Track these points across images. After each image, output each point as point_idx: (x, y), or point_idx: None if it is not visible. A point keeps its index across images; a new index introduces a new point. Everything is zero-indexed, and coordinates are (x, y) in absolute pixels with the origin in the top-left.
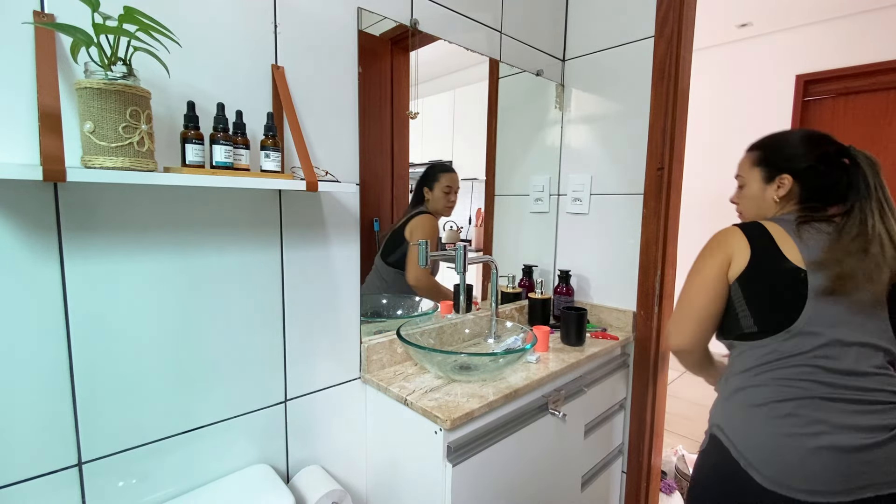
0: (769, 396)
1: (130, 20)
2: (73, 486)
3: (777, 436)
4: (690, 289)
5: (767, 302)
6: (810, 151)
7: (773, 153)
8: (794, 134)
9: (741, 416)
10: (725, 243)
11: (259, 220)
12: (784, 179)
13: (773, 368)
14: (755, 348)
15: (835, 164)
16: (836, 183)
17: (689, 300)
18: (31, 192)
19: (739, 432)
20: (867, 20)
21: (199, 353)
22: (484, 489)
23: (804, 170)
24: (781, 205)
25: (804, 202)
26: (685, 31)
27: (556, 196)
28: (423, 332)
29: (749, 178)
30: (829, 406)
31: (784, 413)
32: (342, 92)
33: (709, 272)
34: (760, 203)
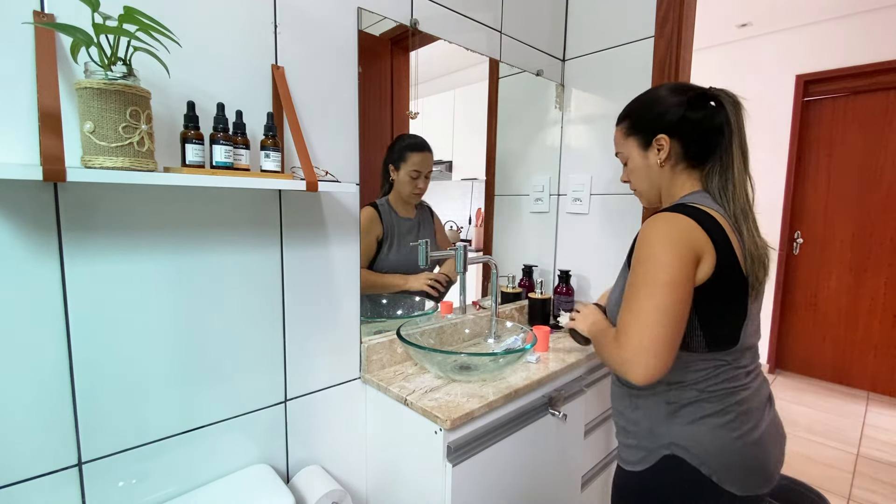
0: (716, 407)
1: (130, 20)
2: (73, 486)
3: (733, 440)
4: (663, 300)
5: (722, 321)
6: (676, 102)
7: (641, 116)
8: (654, 91)
9: (704, 431)
10: (690, 238)
11: (259, 220)
12: (661, 140)
13: (716, 380)
14: (700, 362)
15: (703, 108)
16: (711, 129)
17: (666, 315)
18: (31, 192)
19: (708, 449)
20: (867, 20)
21: (199, 353)
22: (484, 489)
23: (677, 123)
24: (670, 169)
25: (690, 159)
26: (685, 31)
27: (556, 196)
28: (423, 332)
29: (628, 151)
30: (749, 402)
31: (730, 419)
32: (342, 92)
33: (681, 274)
34: (649, 174)
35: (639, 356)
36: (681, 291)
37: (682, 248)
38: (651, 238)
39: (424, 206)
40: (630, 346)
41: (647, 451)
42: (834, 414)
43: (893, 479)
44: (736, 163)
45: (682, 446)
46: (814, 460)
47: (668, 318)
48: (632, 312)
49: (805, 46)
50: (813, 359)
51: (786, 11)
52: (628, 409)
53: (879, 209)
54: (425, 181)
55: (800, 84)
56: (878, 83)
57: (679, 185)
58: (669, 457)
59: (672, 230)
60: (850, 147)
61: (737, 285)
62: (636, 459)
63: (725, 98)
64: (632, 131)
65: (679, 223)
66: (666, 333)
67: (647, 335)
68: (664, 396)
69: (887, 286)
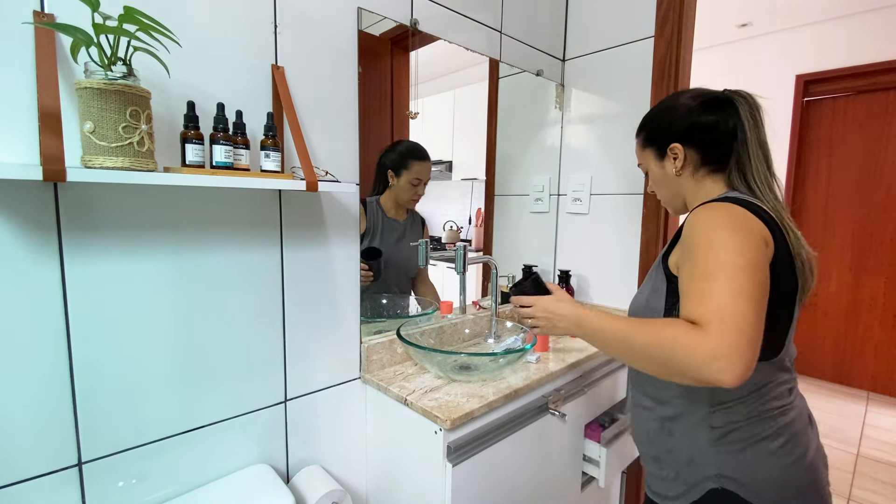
0: (768, 431)
1: (130, 20)
2: (73, 486)
3: (788, 467)
4: (747, 285)
5: (771, 323)
6: (685, 110)
7: (654, 127)
8: (668, 100)
9: (757, 459)
10: (750, 222)
11: (259, 220)
12: (674, 149)
13: (763, 399)
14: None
15: (715, 112)
16: (725, 132)
17: (752, 301)
18: (31, 192)
19: (763, 479)
20: (867, 20)
21: (199, 353)
22: (484, 489)
23: (688, 130)
24: (691, 176)
25: (711, 164)
26: (685, 31)
27: (556, 196)
28: (423, 332)
29: (647, 162)
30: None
31: (783, 442)
32: (342, 92)
33: (757, 256)
34: (669, 183)
35: (734, 351)
36: (761, 275)
37: (752, 232)
38: (708, 223)
39: (416, 214)
40: (719, 337)
41: (688, 486)
42: (834, 414)
43: (893, 479)
44: (754, 162)
45: (731, 478)
46: None
47: (758, 305)
48: (715, 300)
49: (805, 46)
50: (813, 359)
51: (786, 11)
52: (660, 436)
53: (879, 209)
54: (423, 188)
55: (800, 84)
56: (879, 83)
57: (706, 191)
58: (718, 490)
59: (729, 214)
60: (850, 147)
61: (789, 285)
62: (674, 494)
63: (739, 99)
64: (647, 143)
65: (733, 209)
66: (760, 322)
67: (744, 324)
68: (708, 420)
69: (887, 286)
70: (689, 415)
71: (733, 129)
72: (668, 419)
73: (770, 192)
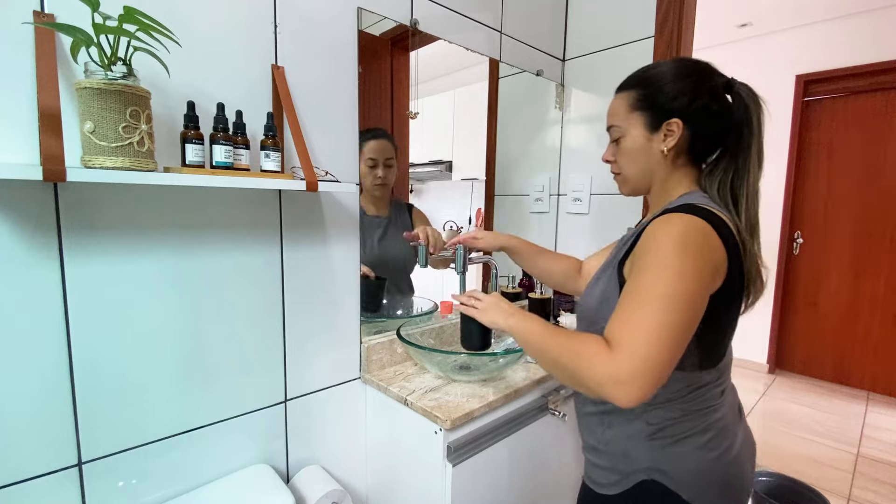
0: (697, 427)
1: (130, 20)
2: (73, 486)
3: (713, 461)
4: (676, 317)
5: (716, 339)
6: (699, 85)
7: (656, 91)
8: (670, 65)
9: (685, 453)
10: (709, 247)
11: (259, 220)
12: (673, 125)
13: (698, 398)
14: (686, 380)
15: (724, 101)
16: (728, 126)
17: (675, 335)
18: (31, 192)
19: (690, 472)
20: (867, 20)
21: (199, 353)
22: (484, 489)
23: (696, 111)
24: (671, 160)
25: (693, 154)
26: (685, 31)
27: (556, 196)
28: (423, 332)
29: (628, 127)
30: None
31: (709, 438)
32: (342, 92)
33: (698, 288)
34: (646, 158)
35: (639, 378)
36: (696, 308)
37: (702, 259)
38: (665, 241)
39: (402, 205)
40: (629, 363)
41: (622, 475)
42: (834, 414)
43: (893, 479)
44: (753, 170)
45: (662, 470)
46: (814, 460)
47: (678, 340)
48: (635, 325)
49: (805, 46)
50: (813, 359)
51: (786, 11)
52: (599, 427)
53: (879, 209)
54: (386, 170)
55: (800, 84)
56: (878, 83)
57: (676, 181)
58: (647, 482)
59: (691, 236)
60: (850, 147)
61: (736, 302)
62: (608, 482)
63: (749, 95)
64: (641, 105)
65: (698, 229)
66: (672, 357)
67: (654, 356)
68: (644, 417)
69: (887, 286)
70: (627, 411)
71: (737, 126)
72: (608, 413)
73: (755, 202)
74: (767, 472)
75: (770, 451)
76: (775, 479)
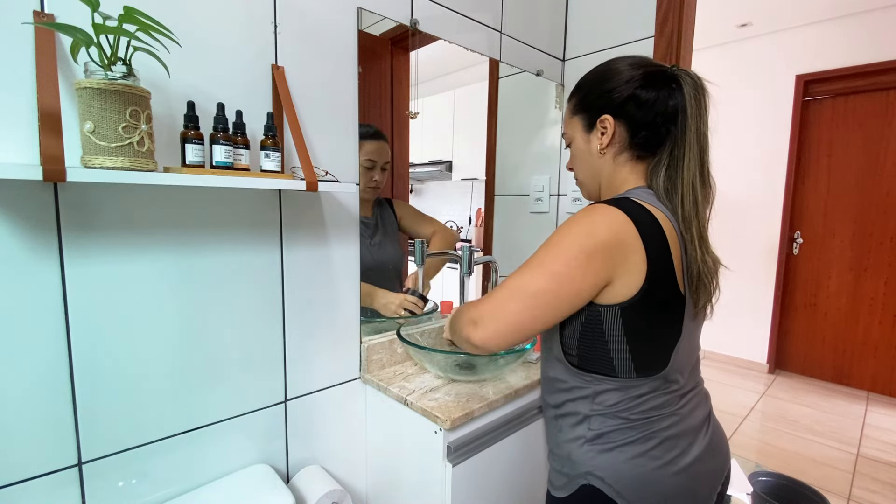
0: (637, 435)
1: (130, 20)
2: (73, 486)
3: (654, 470)
4: (537, 284)
5: (652, 343)
6: (627, 78)
7: (589, 92)
8: (610, 63)
9: (621, 460)
10: (613, 241)
11: (259, 220)
12: (605, 122)
13: (642, 406)
14: (626, 388)
15: (658, 88)
16: (664, 115)
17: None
18: (31, 192)
19: (626, 480)
20: (867, 20)
21: (199, 353)
22: (484, 489)
23: (623, 103)
24: (612, 158)
25: (636, 148)
26: (685, 31)
27: (556, 196)
28: (423, 332)
29: (572, 132)
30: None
31: (651, 447)
32: (342, 92)
33: (574, 275)
34: (589, 160)
35: (486, 321)
36: (561, 288)
37: (596, 252)
38: (568, 226)
39: (383, 202)
40: (484, 308)
41: (568, 478)
42: (834, 414)
43: (893, 479)
44: (688, 157)
45: (598, 476)
46: (814, 460)
47: (531, 305)
48: (505, 284)
49: (805, 46)
50: (813, 359)
51: (786, 11)
52: (553, 430)
53: (879, 209)
54: (382, 173)
55: (800, 84)
56: (878, 83)
57: (621, 179)
58: (586, 487)
59: (597, 227)
60: (849, 147)
61: (672, 303)
62: (559, 485)
63: (686, 80)
64: (578, 109)
65: (610, 219)
66: (520, 316)
67: (500, 306)
68: (587, 422)
69: (887, 286)
70: (574, 415)
71: (672, 112)
72: (561, 417)
73: (691, 193)
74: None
75: (770, 451)
76: (775, 479)
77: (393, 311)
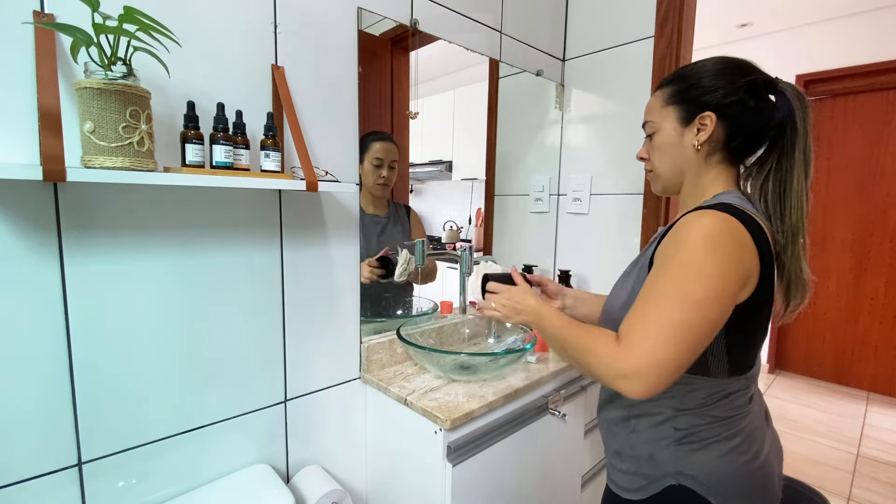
0: (725, 432)
1: (130, 20)
2: (73, 486)
3: (742, 465)
4: (691, 318)
5: (747, 346)
6: (735, 80)
7: (691, 85)
8: (711, 61)
9: (713, 458)
10: (741, 250)
11: (259, 220)
12: (706, 118)
13: (727, 406)
14: (715, 387)
15: (763, 98)
16: (767, 124)
17: (688, 337)
18: (31, 192)
19: (719, 477)
20: (867, 20)
21: (199, 353)
22: (484, 489)
23: (730, 105)
24: (704, 156)
25: (730, 151)
26: (685, 31)
27: (556, 196)
28: (423, 332)
29: (662, 121)
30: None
31: (738, 443)
32: (342, 92)
33: (721, 292)
34: (679, 155)
35: (643, 375)
36: (714, 312)
37: (732, 261)
38: (695, 238)
39: (401, 206)
40: (634, 359)
41: (648, 480)
42: (834, 414)
43: (893, 479)
44: (797, 170)
45: (690, 475)
46: (814, 460)
47: (690, 341)
48: (647, 320)
49: (805, 46)
50: (813, 359)
51: (786, 11)
52: (624, 431)
53: (879, 209)
54: (390, 171)
55: (800, 84)
56: (878, 83)
57: (710, 179)
58: (675, 487)
59: (724, 236)
60: (849, 147)
61: (767, 311)
62: (634, 487)
63: (794, 94)
64: (675, 99)
65: (732, 230)
66: (681, 357)
67: (659, 354)
68: (672, 422)
69: (887, 286)
70: (654, 415)
71: (779, 125)
72: (634, 417)
73: (800, 205)
74: None
75: None
76: None
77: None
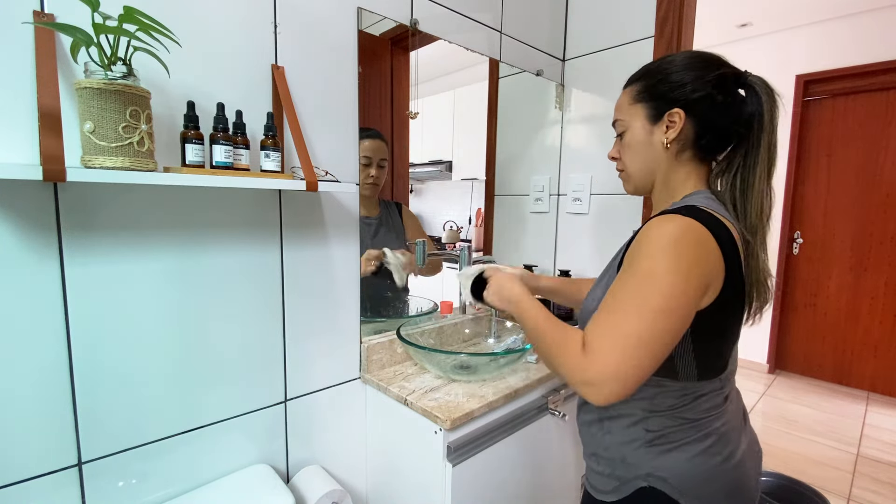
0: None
1: (130, 20)
2: (73, 486)
3: (714, 467)
4: (651, 327)
5: (716, 350)
6: (703, 75)
7: (659, 81)
8: (679, 56)
9: (684, 460)
10: (703, 256)
11: (259, 221)
12: (674, 115)
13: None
14: (685, 390)
15: (732, 93)
16: (737, 119)
17: (649, 346)
18: (31, 192)
19: (690, 478)
20: (867, 20)
21: (199, 353)
22: (484, 489)
23: (698, 100)
24: (674, 154)
25: (700, 149)
26: (685, 31)
27: (556, 196)
28: (423, 332)
29: (631, 119)
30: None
31: (710, 444)
32: (342, 92)
33: (681, 301)
34: (648, 154)
35: (605, 383)
36: (674, 320)
37: (692, 269)
38: (655, 247)
39: (391, 204)
40: (596, 367)
41: (621, 482)
42: (834, 414)
43: (893, 479)
44: (760, 167)
45: (660, 477)
46: (814, 460)
47: (651, 350)
48: (609, 329)
49: (805, 46)
50: (813, 359)
51: (786, 11)
52: (598, 433)
53: (879, 209)
54: (379, 170)
55: (800, 84)
56: (878, 83)
57: (680, 178)
58: (646, 489)
59: (684, 243)
60: (849, 147)
61: (738, 312)
62: (608, 489)
63: (762, 88)
64: (643, 97)
65: (695, 235)
66: (643, 366)
67: (621, 365)
68: (643, 423)
69: (887, 286)
70: (627, 416)
71: (747, 119)
72: (608, 419)
73: (759, 202)
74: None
75: (770, 451)
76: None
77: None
